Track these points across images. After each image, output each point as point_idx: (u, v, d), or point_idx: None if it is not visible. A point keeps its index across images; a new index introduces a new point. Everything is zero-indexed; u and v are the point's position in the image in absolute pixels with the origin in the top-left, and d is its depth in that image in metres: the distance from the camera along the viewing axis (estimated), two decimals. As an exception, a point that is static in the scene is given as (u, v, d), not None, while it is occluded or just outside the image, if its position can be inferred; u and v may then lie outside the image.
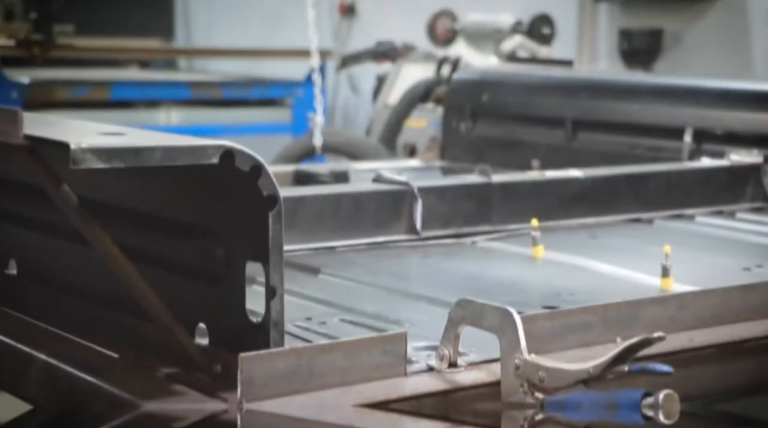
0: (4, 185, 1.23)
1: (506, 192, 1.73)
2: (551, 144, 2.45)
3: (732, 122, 2.10)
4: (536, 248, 1.53)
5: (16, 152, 0.87)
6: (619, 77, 2.54)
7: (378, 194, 1.63)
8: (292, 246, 1.50)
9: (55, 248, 1.20)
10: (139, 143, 0.85)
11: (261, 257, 0.96)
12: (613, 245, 1.65)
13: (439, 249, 1.60)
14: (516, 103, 2.58)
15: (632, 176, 1.86)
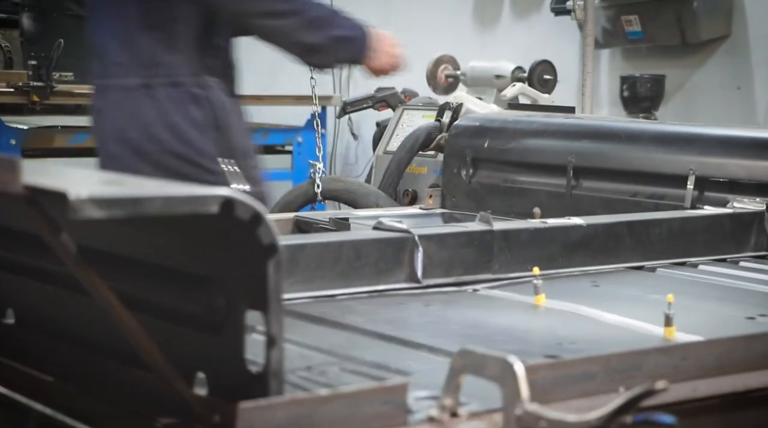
0: (2, 233, 1.23)
1: (508, 240, 1.73)
2: (553, 191, 2.45)
3: (735, 169, 2.10)
4: (538, 297, 1.52)
5: (15, 201, 0.86)
6: (621, 124, 2.55)
7: (378, 241, 1.63)
8: (292, 294, 1.49)
9: (53, 297, 1.19)
10: (138, 192, 0.85)
11: (261, 306, 0.96)
12: (616, 293, 1.64)
13: (440, 297, 1.59)
14: (517, 150, 2.58)
15: (634, 223, 1.86)
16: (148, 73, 2.77)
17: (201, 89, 2.76)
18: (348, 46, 2.81)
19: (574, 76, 5.59)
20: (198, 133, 2.75)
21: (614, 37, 5.37)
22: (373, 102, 5.71)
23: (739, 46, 5.24)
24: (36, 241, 1.00)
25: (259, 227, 0.93)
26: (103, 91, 2.87)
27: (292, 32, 2.74)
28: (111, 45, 2.84)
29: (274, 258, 0.94)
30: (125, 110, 2.79)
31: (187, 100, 2.76)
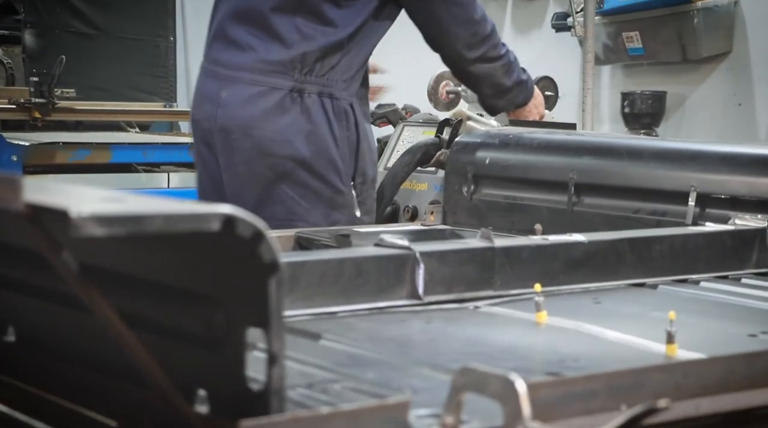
0: (2, 250, 1.23)
1: (509, 256, 1.72)
2: (554, 208, 2.45)
3: (736, 186, 2.10)
4: (539, 314, 1.51)
5: (16, 218, 0.86)
6: (622, 141, 2.55)
7: (380, 258, 1.63)
8: (293, 312, 1.49)
9: (53, 315, 1.19)
10: (139, 209, 0.85)
11: (262, 323, 0.96)
12: (617, 310, 1.64)
13: (442, 314, 1.59)
14: (518, 167, 2.58)
15: (636, 240, 1.85)
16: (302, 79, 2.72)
17: (351, 107, 2.78)
18: (523, 90, 2.96)
19: (575, 93, 5.61)
20: (337, 149, 2.74)
21: (615, 54, 5.39)
22: (374, 118, 5.71)
23: (740, 62, 5.25)
24: (36, 258, 1.00)
25: (260, 244, 0.93)
26: (230, 82, 2.75)
27: (495, 74, 2.86)
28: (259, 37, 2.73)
29: (276, 276, 0.94)
30: (259, 107, 2.70)
31: (337, 115, 2.75)
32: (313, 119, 2.70)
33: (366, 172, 2.81)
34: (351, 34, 2.75)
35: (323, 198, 2.73)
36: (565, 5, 5.61)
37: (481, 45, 2.79)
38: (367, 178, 2.81)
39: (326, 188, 2.72)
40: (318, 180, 2.71)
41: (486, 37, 2.79)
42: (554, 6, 5.94)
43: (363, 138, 2.80)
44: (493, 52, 2.82)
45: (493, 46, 2.81)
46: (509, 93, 2.92)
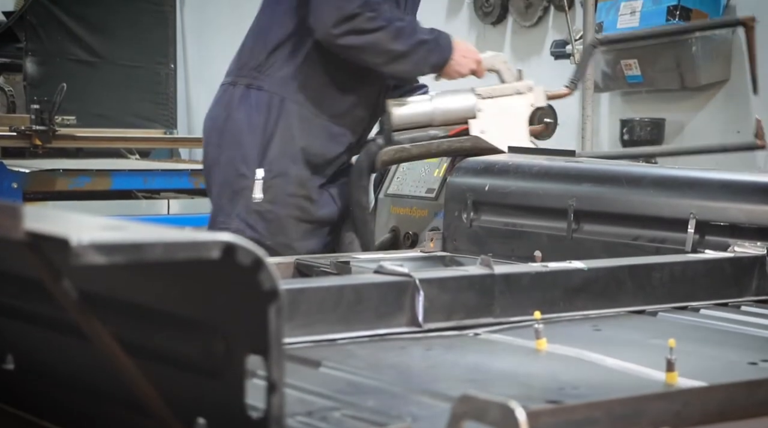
0: (1, 278, 1.23)
1: (509, 284, 1.72)
2: (554, 234, 2.45)
3: (735, 213, 2.10)
4: (539, 341, 1.51)
5: (16, 247, 0.86)
6: (621, 168, 2.55)
7: (379, 285, 1.63)
8: (293, 339, 1.49)
9: (53, 343, 1.19)
10: (140, 238, 0.85)
11: (262, 350, 0.95)
12: (617, 337, 1.64)
13: (442, 341, 1.58)
14: (518, 193, 2.59)
15: (636, 267, 1.85)
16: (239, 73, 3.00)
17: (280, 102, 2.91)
18: (433, 49, 2.94)
19: (574, 120, 5.62)
20: (249, 135, 2.91)
21: (614, 81, 5.40)
22: (375, 145, 5.73)
23: (738, 90, 5.27)
24: (36, 286, 1.00)
25: (260, 272, 0.93)
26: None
27: (380, 43, 2.88)
28: (247, 44, 3.03)
29: (276, 303, 0.94)
30: (216, 103, 3.05)
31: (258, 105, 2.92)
32: (234, 106, 2.94)
33: (275, 164, 2.90)
34: (289, 34, 2.95)
35: (226, 179, 2.95)
36: (564, 33, 5.63)
37: (347, 21, 2.84)
38: (274, 169, 2.90)
39: (230, 170, 2.93)
40: (226, 163, 2.94)
41: (352, 13, 2.84)
42: (553, 34, 5.97)
43: (281, 133, 2.91)
44: (368, 24, 2.85)
45: (367, 19, 2.85)
46: (409, 56, 2.91)
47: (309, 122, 2.93)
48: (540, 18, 6.05)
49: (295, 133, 2.91)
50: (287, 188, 2.90)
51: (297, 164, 2.92)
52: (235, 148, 2.91)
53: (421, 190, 4.23)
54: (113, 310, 1.04)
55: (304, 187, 2.93)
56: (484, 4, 6.29)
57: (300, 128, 2.92)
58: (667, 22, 5.02)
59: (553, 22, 6.01)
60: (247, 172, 2.90)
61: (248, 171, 2.90)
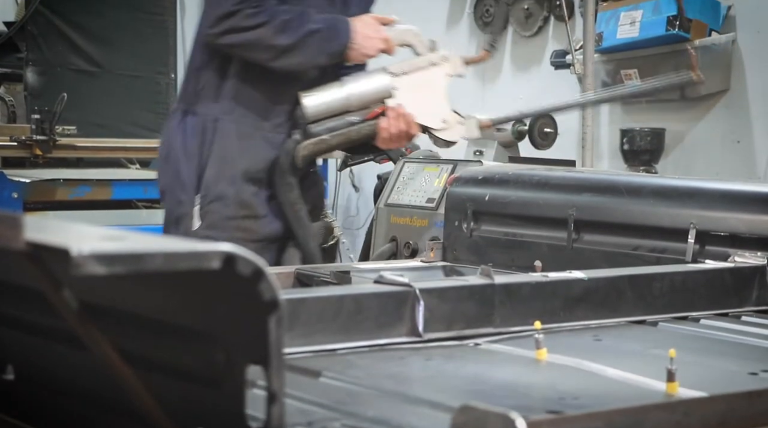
0: (1, 288, 1.23)
1: (509, 294, 1.72)
2: (554, 244, 2.45)
3: (735, 223, 2.10)
4: (539, 351, 1.51)
5: (17, 257, 0.86)
6: (621, 178, 2.55)
7: (379, 295, 1.62)
8: (293, 349, 1.49)
9: (53, 353, 1.19)
10: (140, 248, 0.85)
11: (262, 361, 0.95)
12: (618, 347, 1.64)
13: (442, 352, 1.58)
14: (518, 203, 2.59)
15: (636, 277, 1.85)
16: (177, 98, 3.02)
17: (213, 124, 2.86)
18: (328, 37, 2.82)
19: (574, 130, 5.62)
20: (186, 162, 2.86)
21: (614, 91, 5.40)
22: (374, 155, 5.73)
23: (738, 100, 5.27)
24: (36, 296, 1.00)
25: (260, 282, 0.93)
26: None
27: (264, 38, 2.77)
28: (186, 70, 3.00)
29: (276, 314, 0.94)
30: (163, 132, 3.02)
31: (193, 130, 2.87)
32: (173, 133, 2.90)
33: (211, 188, 2.83)
34: (211, 53, 2.89)
35: (169, 208, 2.91)
36: (564, 43, 5.64)
37: (225, 19, 2.77)
38: (211, 193, 2.83)
39: (171, 198, 2.87)
40: (167, 191, 2.89)
41: (229, 11, 2.77)
42: (553, 43, 5.98)
43: (216, 156, 2.85)
44: (247, 21, 2.76)
45: (246, 16, 2.76)
46: (299, 49, 2.79)
47: (249, 138, 2.84)
48: (540, 28, 6.05)
49: (233, 153, 2.84)
50: (225, 212, 2.82)
51: (235, 184, 2.83)
52: (175, 176, 2.85)
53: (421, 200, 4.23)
54: (113, 320, 1.04)
55: (248, 206, 2.84)
56: (484, 14, 6.30)
57: (239, 147, 2.84)
58: (667, 32, 5.03)
59: (553, 32, 6.02)
60: (185, 199, 2.83)
61: (186, 198, 2.83)
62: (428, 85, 2.90)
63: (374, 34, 2.88)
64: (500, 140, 5.16)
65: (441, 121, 2.85)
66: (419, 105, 2.87)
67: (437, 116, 2.88)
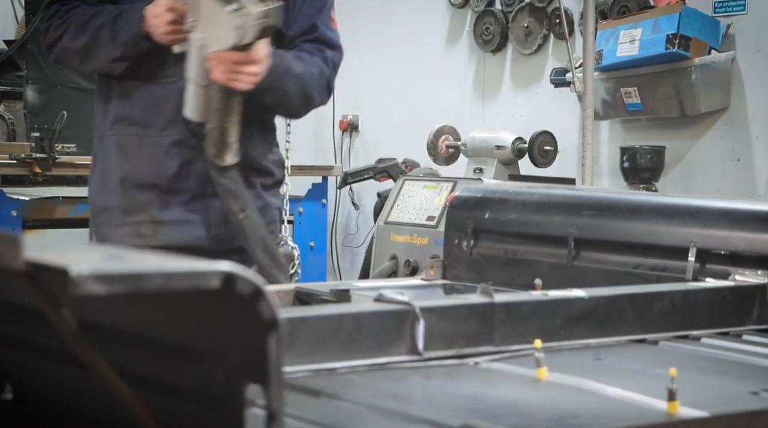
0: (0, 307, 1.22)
1: (509, 312, 1.72)
2: (554, 263, 2.45)
3: (736, 242, 2.10)
4: (540, 370, 1.51)
5: (15, 276, 0.86)
6: (621, 196, 2.55)
7: (379, 314, 1.62)
8: (293, 368, 1.48)
9: (51, 372, 1.18)
10: (139, 267, 0.85)
11: (261, 380, 0.95)
12: (618, 366, 1.63)
13: (442, 370, 1.58)
14: (518, 222, 2.59)
15: (636, 296, 1.85)
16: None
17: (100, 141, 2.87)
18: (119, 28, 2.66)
19: (574, 147, 5.63)
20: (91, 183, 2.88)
21: (614, 109, 5.41)
22: (374, 173, 5.74)
23: (737, 118, 5.27)
24: (35, 315, 0.99)
25: (260, 301, 0.93)
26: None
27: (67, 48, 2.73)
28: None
29: (276, 333, 0.94)
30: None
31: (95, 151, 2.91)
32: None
33: (95, 203, 2.83)
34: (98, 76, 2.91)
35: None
36: (563, 61, 5.65)
37: (45, 36, 2.78)
38: (96, 207, 2.82)
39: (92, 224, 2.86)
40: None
41: (45, 28, 2.76)
42: (553, 61, 5.99)
43: (99, 170, 2.84)
44: (53, 35, 2.73)
45: (52, 30, 2.73)
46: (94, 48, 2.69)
47: (132, 146, 2.75)
48: (540, 46, 6.06)
49: (112, 165, 2.78)
50: (113, 221, 2.75)
51: (117, 192, 2.75)
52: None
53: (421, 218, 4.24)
54: (112, 339, 1.04)
55: (140, 212, 2.71)
56: (484, 32, 6.32)
57: (118, 158, 2.77)
58: (666, 51, 5.04)
59: (552, 50, 6.03)
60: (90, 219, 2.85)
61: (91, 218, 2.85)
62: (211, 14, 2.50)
63: (159, 9, 2.58)
64: (500, 157, 5.16)
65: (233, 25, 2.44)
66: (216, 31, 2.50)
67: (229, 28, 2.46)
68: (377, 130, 6.98)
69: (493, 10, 6.27)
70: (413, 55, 6.73)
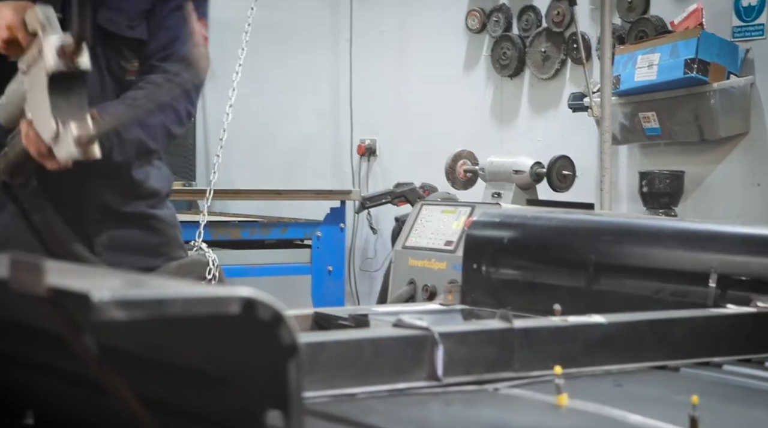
0: (21, 332, 1.22)
1: (528, 338, 1.71)
2: (573, 287, 2.44)
3: (757, 268, 2.08)
4: (560, 396, 1.50)
5: (37, 301, 0.86)
6: (641, 221, 2.55)
7: (398, 339, 1.61)
8: (312, 393, 1.48)
9: (72, 397, 1.18)
10: (160, 293, 0.85)
11: (281, 405, 0.95)
12: (639, 393, 1.62)
13: (461, 397, 1.57)
14: (537, 247, 2.58)
15: (656, 322, 1.84)
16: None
17: None
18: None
19: (592, 172, 5.62)
20: None
21: (632, 134, 5.41)
22: (392, 197, 5.75)
23: (757, 143, 5.26)
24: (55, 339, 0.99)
25: (279, 327, 0.93)
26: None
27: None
28: None
29: (295, 358, 0.94)
30: None
31: None
32: None
33: None
34: None
35: None
36: (581, 85, 5.65)
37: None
38: None
39: None
40: None
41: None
42: (570, 86, 5.99)
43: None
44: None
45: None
46: None
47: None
48: (557, 71, 6.07)
49: None
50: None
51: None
52: None
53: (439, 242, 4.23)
54: (132, 365, 1.04)
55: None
56: (502, 57, 6.33)
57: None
58: (685, 75, 5.03)
59: (570, 75, 6.03)
60: None
61: None
62: (39, 84, 2.18)
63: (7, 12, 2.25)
64: (518, 182, 5.16)
65: (51, 136, 2.17)
66: (37, 112, 2.21)
67: (47, 126, 2.19)
68: (395, 154, 6.99)
69: (511, 35, 6.28)
70: (431, 79, 6.74)
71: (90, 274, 0.93)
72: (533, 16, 6.19)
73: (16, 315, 1.14)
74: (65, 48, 2.15)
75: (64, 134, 2.15)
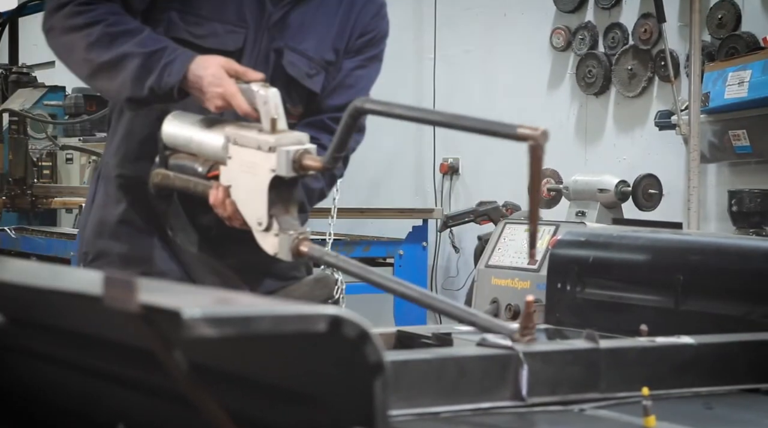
0: (113, 348, 1.25)
1: (615, 358, 1.69)
2: (660, 308, 2.40)
3: None
4: (648, 418, 1.48)
5: (129, 318, 0.88)
6: (730, 240, 2.50)
7: (482, 358, 1.61)
8: (396, 411, 1.48)
9: (163, 413, 1.20)
10: (248, 311, 0.86)
11: (367, 423, 0.95)
12: (730, 417, 1.59)
13: (546, 417, 1.56)
14: (623, 266, 2.55)
15: (748, 343, 1.80)
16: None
17: (99, 176, 2.54)
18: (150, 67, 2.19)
19: (679, 191, 5.54)
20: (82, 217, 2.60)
21: (721, 152, 5.32)
22: (475, 216, 5.73)
23: None
24: (145, 355, 1.01)
25: (366, 345, 0.94)
26: None
27: (76, 49, 2.24)
28: None
29: (381, 376, 0.94)
30: None
31: (98, 181, 2.55)
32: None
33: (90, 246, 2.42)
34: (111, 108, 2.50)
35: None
36: (668, 103, 5.58)
37: (54, 12, 2.25)
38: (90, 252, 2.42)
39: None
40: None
41: (58, 5, 2.22)
42: (657, 104, 5.92)
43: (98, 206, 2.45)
44: (67, 21, 2.22)
45: (68, 15, 2.20)
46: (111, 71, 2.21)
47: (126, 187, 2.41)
48: (644, 89, 6.00)
49: (111, 202, 2.41)
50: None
51: (119, 239, 2.40)
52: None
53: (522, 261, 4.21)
54: (220, 381, 1.05)
55: (135, 261, 2.37)
56: (587, 74, 6.28)
57: (116, 196, 2.41)
58: (776, 93, 4.94)
59: (657, 93, 5.96)
60: (79, 258, 2.45)
61: (79, 257, 2.45)
62: (254, 170, 2.12)
63: (218, 85, 2.15)
64: (603, 201, 5.11)
65: (257, 221, 2.12)
66: (246, 190, 2.14)
67: (256, 212, 2.13)
68: (477, 173, 6.97)
69: (596, 53, 6.24)
70: (514, 98, 6.72)
71: (180, 291, 0.95)
72: (620, 33, 6.13)
73: (109, 331, 1.16)
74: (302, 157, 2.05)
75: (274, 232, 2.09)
